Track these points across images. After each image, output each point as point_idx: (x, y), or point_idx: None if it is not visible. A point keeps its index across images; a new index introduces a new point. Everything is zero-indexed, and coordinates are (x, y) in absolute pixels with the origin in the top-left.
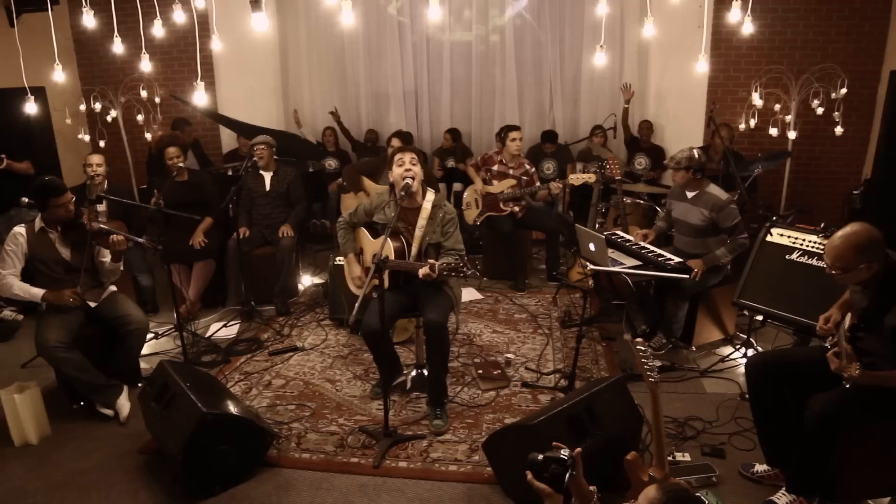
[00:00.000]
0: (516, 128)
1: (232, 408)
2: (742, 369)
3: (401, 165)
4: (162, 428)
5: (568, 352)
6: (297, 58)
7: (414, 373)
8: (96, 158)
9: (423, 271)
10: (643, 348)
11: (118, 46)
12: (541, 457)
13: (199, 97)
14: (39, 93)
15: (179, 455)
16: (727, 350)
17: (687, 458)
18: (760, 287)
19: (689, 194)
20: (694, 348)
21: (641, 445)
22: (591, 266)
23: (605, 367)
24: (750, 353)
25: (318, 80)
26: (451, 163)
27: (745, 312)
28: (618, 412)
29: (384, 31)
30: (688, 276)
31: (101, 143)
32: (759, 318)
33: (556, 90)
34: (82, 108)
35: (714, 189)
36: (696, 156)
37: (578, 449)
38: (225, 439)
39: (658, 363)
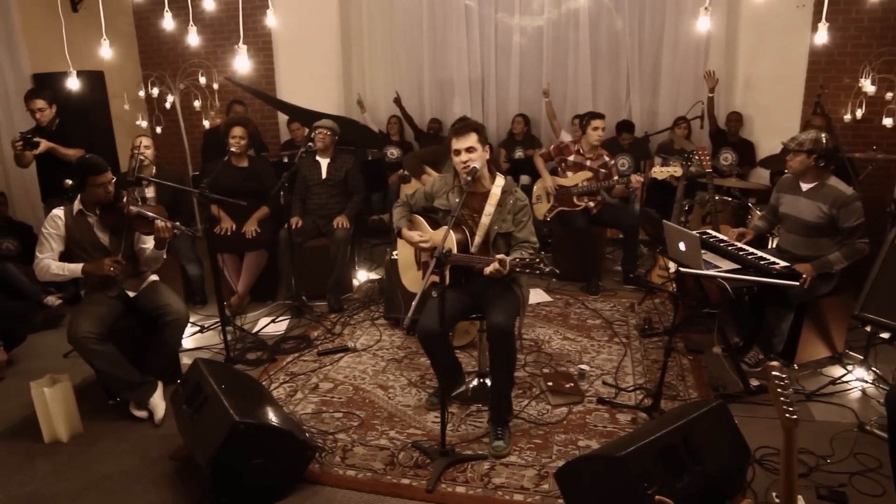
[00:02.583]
0: (600, 116)
1: (270, 416)
2: (857, 394)
3: (457, 154)
4: (192, 434)
5: (649, 364)
6: (360, 43)
7: (475, 381)
8: (145, 140)
9: (491, 267)
10: (781, 374)
11: (168, 22)
12: None
13: (241, 62)
14: (98, 77)
15: (207, 467)
16: (835, 370)
17: (801, 502)
18: (890, 298)
19: (805, 186)
20: (796, 366)
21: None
22: (681, 268)
23: (692, 385)
24: (867, 375)
25: (381, 66)
26: (519, 153)
27: (867, 328)
28: (720, 445)
29: (450, 16)
30: (797, 283)
31: (158, 130)
32: (885, 335)
33: (634, 78)
34: (141, 94)
35: (836, 182)
36: (824, 141)
37: None
38: (259, 452)
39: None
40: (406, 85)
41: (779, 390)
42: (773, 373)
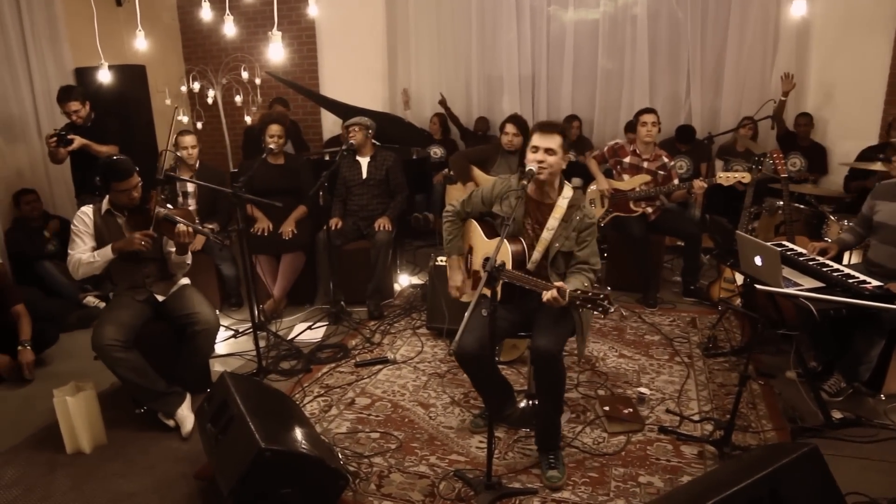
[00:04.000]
0: (650, 110)
1: (299, 441)
2: None
3: (534, 152)
4: (216, 457)
5: (715, 389)
6: (406, 37)
7: (524, 403)
8: (190, 140)
9: (549, 295)
10: None
11: (206, 12)
12: None
13: (276, 50)
14: (139, 71)
15: (230, 497)
16: None
17: None
18: None
19: None
20: (883, 397)
21: None
22: (757, 286)
23: (764, 414)
24: None
25: (427, 61)
26: (570, 156)
27: None
28: (813, 499)
29: (500, 9)
30: (894, 307)
31: (199, 125)
32: None
33: (695, 77)
34: (183, 89)
35: None
36: None
37: None
38: (287, 481)
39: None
40: (453, 81)
41: None
42: None
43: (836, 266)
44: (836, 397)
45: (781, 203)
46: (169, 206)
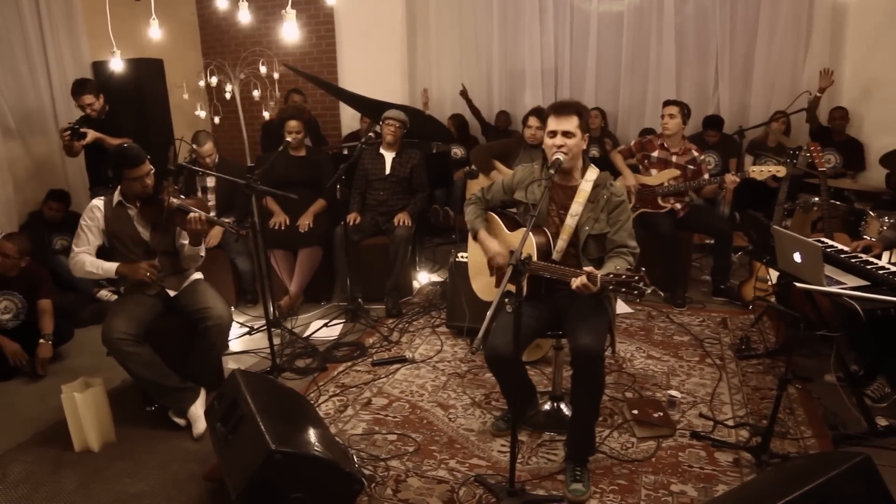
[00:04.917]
0: (671, 102)
1: (312, 443)
2: None
3: (552, 137)
4: (225, 458)
5: (750, 392)
6: (426, 31)
7: (548, 405)
8: (207, 149)
9: (578, 281)
10: None
11: (222, 1)
12: None
13: (290, 29)
14: (157, 65)
15: (237, 501)
16: None
17: None
18: None
19: None
20: None
21: None
22: (796, 284)
23: (804, 420)
24: None
25: (448, 54)
26: (595, 152)
27: None
28: None
29: (522, 1)
30: None
31: (216, 120)
32: None
33: (724, 69)
34: (201, 83)
35: None
36: None
37: None
38: (298, 485)
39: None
40: (474, 76)
41: None
42: None
43: (880, 263)
44: (881, 403)
45: (817, 199)
46: (182, 196)
